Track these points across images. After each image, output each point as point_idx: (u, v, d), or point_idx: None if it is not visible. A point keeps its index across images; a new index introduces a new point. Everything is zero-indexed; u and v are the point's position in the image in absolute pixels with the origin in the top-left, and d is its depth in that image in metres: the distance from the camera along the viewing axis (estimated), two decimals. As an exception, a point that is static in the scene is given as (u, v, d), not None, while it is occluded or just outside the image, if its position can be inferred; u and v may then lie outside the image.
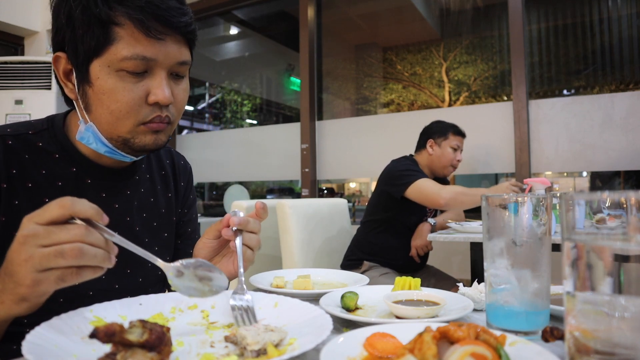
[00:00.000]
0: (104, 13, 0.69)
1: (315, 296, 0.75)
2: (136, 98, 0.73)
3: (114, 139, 0.76)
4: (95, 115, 0.75)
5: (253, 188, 4.53)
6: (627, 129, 2.45)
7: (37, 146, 0.78)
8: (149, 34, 0.70)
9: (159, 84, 0.73)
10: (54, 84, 3.93)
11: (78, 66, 0.74)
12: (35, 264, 0.50)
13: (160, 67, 0.74)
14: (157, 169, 0.97)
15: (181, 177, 1.02)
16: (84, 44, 0.71)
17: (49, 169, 0.78)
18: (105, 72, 0.72)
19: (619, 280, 0.41)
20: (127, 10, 0.70)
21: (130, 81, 0.72)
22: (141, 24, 0.70)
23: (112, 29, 0.70)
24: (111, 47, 0.70)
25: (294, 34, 3.57)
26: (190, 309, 0.66)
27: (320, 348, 0.46)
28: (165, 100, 0.74)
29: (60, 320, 0.53)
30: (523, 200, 0.59)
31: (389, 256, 2.20)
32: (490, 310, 0.61)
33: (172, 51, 0.74)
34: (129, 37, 0.70)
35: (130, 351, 0.45)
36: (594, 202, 0.45)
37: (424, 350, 0.42)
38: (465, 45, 3.50)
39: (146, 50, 0.71)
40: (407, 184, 2.06)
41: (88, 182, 0.81)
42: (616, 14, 2.82)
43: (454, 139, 2.29)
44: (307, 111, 3.40)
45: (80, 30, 0.71)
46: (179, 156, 1.05)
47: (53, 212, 0.50)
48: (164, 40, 0.72)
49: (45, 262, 0.50)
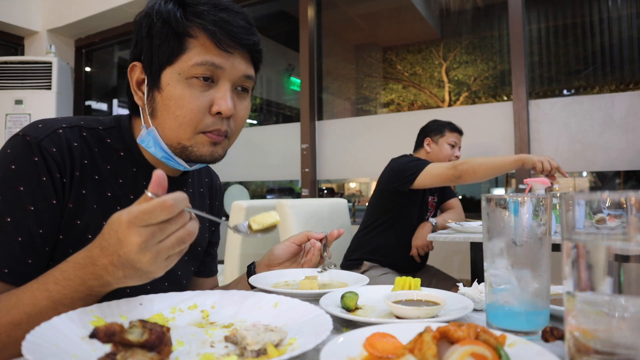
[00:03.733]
0: (182, 26, 0.76)
1: (315, 296, 0.75)
2: (200, 106, 0.77)
3: (174, 145, 0.80)
4: (160, 120, 0.80)
5: (253, 188, 4.53)
6: (627, 129, 2.45)
7: (106, 142, 0.83)
8: (220, 45, 0.76)
9: (222, 95, 0.78)
10: (54, 84, 3.93)
11: (151, 74, 0.79)
12: (163, 256, 0.56)
13: (226, 79, 0.78)
14: (197, 186, 1.01)
15: (217, 196, 1.08)
16: (160, 53, 0.77)
17: (113, 165, 0.83)
18: (176, 79, 0.77)
19: (619, 280, 0.41)
20: (202, 23, 0.76)
21: (197, 90, 0.77)
22: (213, 35, 0.76)
23: (186, 40, 0.76)
24: (183, 56, 0.76)
25: (294, 34, 3.56)
26: (190, 309, 0.66)
27: (320, 348, 0.46)
28: (228, 111, 0.78)
29: (60, 320, 0.53)
30: (523, 200, 0.59)
31: (389, 256, 2.20)
32: (490, 310, 0.61)
33: (239, 65, 0.79)
34: (201, 47, 0.76)
35: (130, 351, 0.45)
36: (594, 202, 0.45)
37: (424, 350, 0.42)
38: (465, 45, 3.50)
39: (215, 59, 0.76)
40: (416, 173, 2.04)
41: (144, 183, 0.85)
42: (616, 14, 2.81)
43: (451, 135, 2.30)
44: (307, 111, 3.40)
45: (158, 41, 0.77)
46: (216, 176, 1.11)
47: (162, 217, 0.54)
48: (232, 54, 0.78)
49: (170, 251, 0.56)
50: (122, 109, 4.86)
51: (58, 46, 4.35)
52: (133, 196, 0.83)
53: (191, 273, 1.00)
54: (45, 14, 4.31)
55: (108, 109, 4.92)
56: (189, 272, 0.98)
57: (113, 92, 4.90)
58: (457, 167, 1.93)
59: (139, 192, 0.84)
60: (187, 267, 0.96)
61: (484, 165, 1.91)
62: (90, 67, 4.74)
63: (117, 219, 0.56)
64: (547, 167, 1.86)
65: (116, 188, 0.82)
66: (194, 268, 1.01)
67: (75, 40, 4.59)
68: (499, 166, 1.91)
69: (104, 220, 0.75)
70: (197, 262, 1.01)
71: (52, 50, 4.16)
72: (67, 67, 4.21)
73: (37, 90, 3.91)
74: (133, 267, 0.56)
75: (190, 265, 0.98)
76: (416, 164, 2.08)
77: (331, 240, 1.00)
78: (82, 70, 4.64)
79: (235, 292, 0.69)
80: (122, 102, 4.86)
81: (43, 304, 0.60)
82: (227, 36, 0.77)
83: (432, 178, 2.01)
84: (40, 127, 0.76)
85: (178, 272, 0.91)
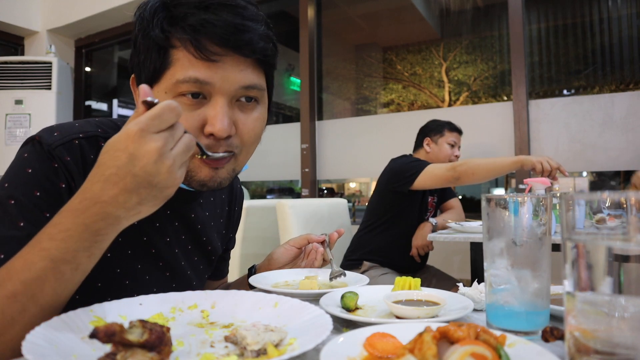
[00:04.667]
0: (158, 37, 0.66)
1: (315, 296, 0.75)
2: (190, 128, 0.66)
3: None
4: None
5: (253, 188, 4.53)
6: (627, 129, 2.45)
7: None
8: (201, 55, 0.64)
9: (215, 114, 0.66)
10: (54, 84, 3.94)
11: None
12: (178, 164, 0.53)
13: (218, 94, 0.66)
14: (219, 192, 0.96)
15: (237, 202, 1.04)
16: (145, 69, 0.68)
17: None
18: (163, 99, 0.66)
19: (619, 280, 0.41)
20: (177, 31, 0.65)
21: (186, 110, 0.66)
22: (192, 44, 0.64)
23: (169, 52, 0.66)
24: (167, 72, 0.66)
25: (294, 34, 3.56)
26: (190, 309, 0.66)
27: (320, 348, 0.46)
28: (221, 132, 0.66)
29: (60, 320, 0.53)
30: (523, 200, 0.59)
31: (388, 256, 2.20)
32: (490, 310, 0.61)
33: (232, 74, 0.66)
34: (183, 60, 0.65)
35: (130, 351, 0.45)
36: (594, 202, 0.45)
37: (424, 350, 0.42)
38: (465, 45, 3.50)
39: (199, 73, 0.65)
40: (416, 174, 2.04)
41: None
42: (616, 14, 2.81)
43: (450, 135, 2.29)
44: (307, 111, 3.40)
45: (143, 56, 0.68)
46: (237, 180, 1.04)
47: (172, 119, 0.52)
48: (220, 62, 0.65)
49: (184, 157, 0.54)
50: (122, 109, 4.86)
51: (58, 46, 4.35)
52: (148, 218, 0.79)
53: (205, 280, 0.96)
54: (45, 14, 4.31)
55: (108, 109, 4.92)
56: (202, 279, 0.94)
57: (113, 92, 4.90)
58: (456, 169, 1.93)
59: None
60: (201, 274, 0.92)
61: (483, 166, 1.91)
62: (90, 67, 4.74)
63: (123, 136, 0.51)
64: (547, 168, 1.86)
65: None
66: (207, 275, 0.97)
67: (75, 40, 4.59)
68: (498, 168, 1.91)
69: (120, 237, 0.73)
70: (211, 269, 0.98)
71: (52, 50, 4.16)
72: (67, 67, 4.21)
73: (37, 90, 3.91)
74: (150, 185, 0.51)
75: (204, 272, 0.94)
76: (416, 164, 2.08)
77: (332, 242, 1.00)
78: (82, 70, 4.65)
79: (235, 292, 0.69)
80: (122, 102, 4.86)
81: (40, 266, 0.52)
82: (211, 41, 0.64)
83: (432, 179, 2.01)
84: (55, 134, 0.69)
85: (187, 272, 0.87)
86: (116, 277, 0.75)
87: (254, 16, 0.69)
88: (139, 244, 0.78)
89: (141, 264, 0.79)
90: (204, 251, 0.91)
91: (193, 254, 0.89)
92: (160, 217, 0.80)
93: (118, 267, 0.75)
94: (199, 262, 0.91)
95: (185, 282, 0.87)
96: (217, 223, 0.96)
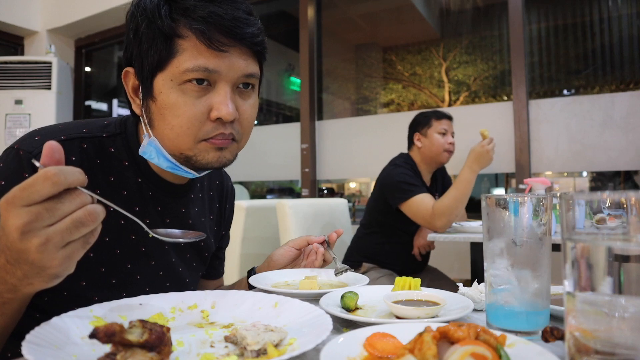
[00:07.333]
0: (167, 26, 0.68)
1: (315, 296, 0.75)
2: (198, 114, 0.70)
3: (177, 155, 0.74)
4: (158, 130, 0.74)
5: (253, 188, 4.53)
6: (627, 129, 2.45)
7: (109, 152, 0.78)
8: (212, 45, 0.68)
9: (222, 99, 0.71)
10: (54, 84, 3.93)
11: (143, 81, 0.73)
12: (57, 243, 0.46)
13: (224, 81, 0.71)
14: (207, 189, 0.97)
15: (228, 200, 1.04)
16: (149, 58, 0.70)
17: (117, 176, 0.77)
18: (168, 87, 0.70)
19: (619, 280, 0.41)
20: (189, 22, 0.68)
21: (193, 96, 0.70)
22: (203, 35, 0.68)
23: (176, 41, 0.69)
24: (174, 60, 0.69)
25: (294, 34, 3.56)
26: (190, 309, 0.66)
27: (320, 348, 0.46)
28: (228, 116, 0.71)
29: (60, 321, 0.53)
30: (523, 200, 0.59)
31: (387, 258, 2.20)
32: (490, 310, 0.61)
33: (237, 63, 0.72)
34: (192, 49, 0.69)
35: (130, 351, 0.45)
36: (594, 202, 0.45)
37: (424, 350, 0.42)
38: (465, 45, 3.50)
39: (209, 62, 0.69)
40: (404, 198, 2.01)
41: (150, 194, 0.81)
42: (616, 14, 2.81)
43: (438, 123, 2.20)
44: (307, 111, 3.40)
45: (146, 45, 0.70)
46: (227, 177, 1.06)
47: (45, 190, 0.45)
48: (227, 52, 0.70)
49: (67, 236, 0.47)
50: (122, 109, 4.86)
51: (58, 46, 4.35)
52: (139, 208, 0.79)
53: (198, 278, 0.97)
54: (45, 14, 4.31)
55: (108, 109, 4.92)
56: (195, 276, 0.95)
57: (113, 92, 4.90)
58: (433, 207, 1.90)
59: (145, 203, 0.80)
60: (194, 271, 0.93)
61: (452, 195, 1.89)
62: (90, 67, 4.74)
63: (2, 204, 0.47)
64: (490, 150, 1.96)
65: (120, 200, 0.76)
66: (201, 273, 0.98)
67: (75, 40, 4.59)
68: (466, 186, 1.91)
69: (107, 237, 0.74)
70: (205, 267, 0.98)
71: (52, 50, 4.16)
72: (67, 67, 4.21)
73: (37, 90, 3.91)
74: (26, 261, 0.47)
75: (197, 270, 0.94)
76: (407, 189, 2.02)
77: (332, 243, 1.00)
78: (82, 70, 4.64)
79: (235, 292, 0.69)
80: (122, 102, 4.86)
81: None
82: (220, 33, 0.69)
83: (412, 213, 1.99)
84: (36, 139, 0.70)
85: (179, 269, 0.87)
86: (102, 276, 0.75)
87: (251, 10, 0.74)
88: (129, 244, 0.78)
89: (131, 264, 0.78)
90: (197, 247, 0.91)
91: (185, 251, 0.89)
92: (150, 214, 0.81)
93: (103, 266, 0.75)
94: (191, 259, 0.90)
95: (179, 279, 0.86)
96: (208, 219, 0.96)
